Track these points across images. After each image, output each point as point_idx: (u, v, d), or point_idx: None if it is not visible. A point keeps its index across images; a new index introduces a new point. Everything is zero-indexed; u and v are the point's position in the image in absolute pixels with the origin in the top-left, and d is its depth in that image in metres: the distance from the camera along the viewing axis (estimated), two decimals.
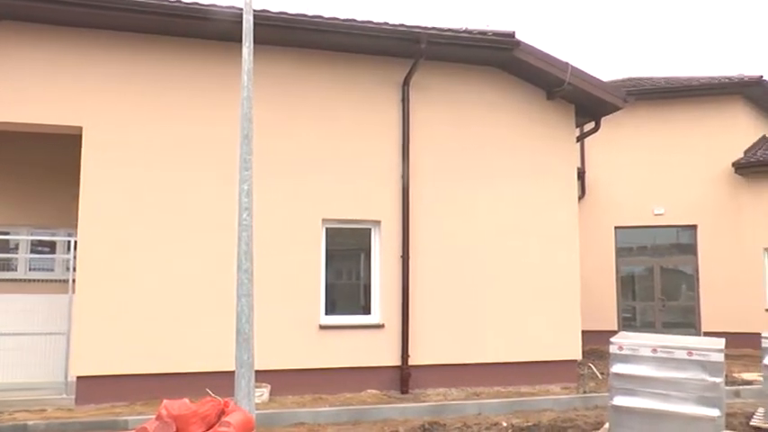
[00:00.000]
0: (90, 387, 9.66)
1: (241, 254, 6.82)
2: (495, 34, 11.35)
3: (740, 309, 17.71)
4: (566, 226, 12.40)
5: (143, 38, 10.35)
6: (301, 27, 10.38)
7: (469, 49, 11.44)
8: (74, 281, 9.91)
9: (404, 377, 10.96)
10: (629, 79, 20.57)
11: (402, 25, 10.89)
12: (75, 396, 9.70)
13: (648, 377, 7.77)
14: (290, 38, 10.68)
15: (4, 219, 11.64)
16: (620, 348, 8.00)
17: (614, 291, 18.84)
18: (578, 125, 13.45)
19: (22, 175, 11.68)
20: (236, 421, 5.22)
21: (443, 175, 11.68)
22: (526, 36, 11.53)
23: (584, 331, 12.61)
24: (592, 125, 13.43)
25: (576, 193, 12.96)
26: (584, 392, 11.10)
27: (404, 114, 11.44)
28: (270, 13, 10.05)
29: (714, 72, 28.10)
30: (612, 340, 8.14)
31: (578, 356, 12.27)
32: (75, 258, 9.92)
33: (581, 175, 18.32)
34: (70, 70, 10.07)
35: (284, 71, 10.96)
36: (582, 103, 12.69)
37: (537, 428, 8.77)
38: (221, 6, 9.88)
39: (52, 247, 12.00)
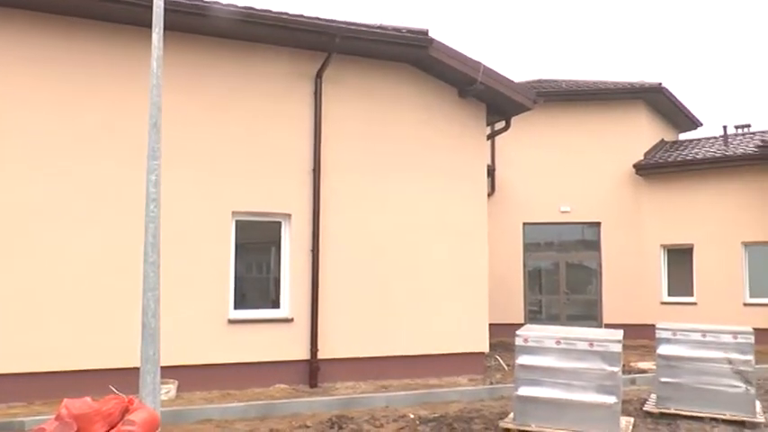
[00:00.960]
0: None
1: (148, 246, 6.63)
2: (410, 31, 11.44)
3: (639, 302, 18.65)
4: (475, 222, 12.66)
5: (42, 17, 9.85)
6: (214, 15, 10.15)
7: (384, 46, 11.49)
8: None
9: (313, 371, 10.95)
10: (539, 81, 21.20)
11: (317, 18, 10.83)
12: None
13: (552, 368, 8.07)
14: (203, 25, 10.44)
15: None
16: (526, 341, 8.27)
17: (521, 285, 19.41)
18: (489, 124, 13.74)
19: None
20: (140, 419, 5.11)
21: (356, 170, 11.71)
22: (441, 35, 11.72)
23: (492, 324, 12.94)
24: (502, 124, 13.75)
25: (486, 189, 13.25)
26: (491, 384, 11.39)
27: (316, 108, 11.39)
28: None
29: (623, 77, 29.39)
30: (518, 333, 8.40)
31: (486, 349, 12.57)
32: None
33: (491, 173, 18.76)
34: None
35: (197, 60, 10.71)
36: (493, 102, 12.96)
37: (444, 419, 8.92)
38: None
39: None
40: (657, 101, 19.96)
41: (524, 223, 19.49)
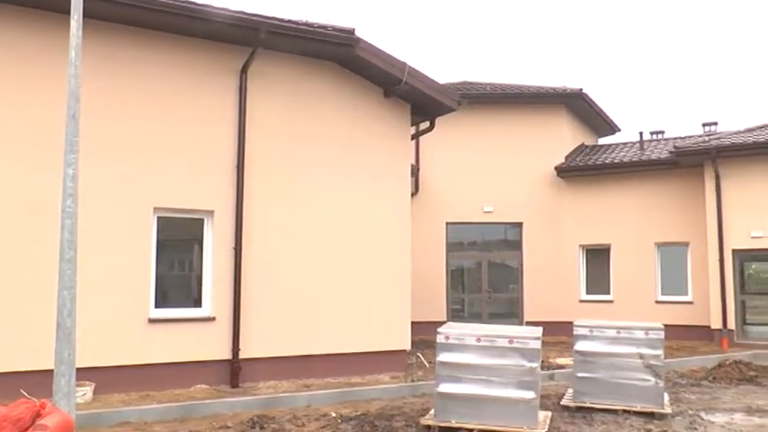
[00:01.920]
0: None
1: (64, 243, 6.40)
2: (336, 29, 11.42)
3: (559, 300, 19.21)
4: (398, 221, 12.76)
5: None
6: (137, 5, 9.85)
7: (310, 43, 11.43)
8: None
9: (234, 371, 10.80)
10: (465, 83, 21.51)
11: (242, 12, 10.65)
12: None
13: (473, 364, 8.21)
14: (125, 14, 10.10)
15: None
16: (447, 338, 8.38)
17: (444, 283, 19.68)
18: (414, 124, 13.86)
19: None
20: (53, 424, 4.94)
21: (281, 167, 11.61)
22: (369, 35, 11.74)
23: (415, 322, 13.07)
24: (427, 124, 13.91)
25: (410, 189, 13.37)
26: (413, 381, 11.50)
27: (241, 103, 11.23)
28: None
29: (547, 81, 30.15)
30: (439, 330, 8.50)
31: (408, 347, 12.69)
32: None
33: (415, 173, 18.94)
34: None
35: (119, 50, 10.35)
36: (418, 102, 13.08)
37: (365, 417, 8.94)
38: None
39: None
40: (578, 106, 20.61)
41: (448, 223, 19.76)
